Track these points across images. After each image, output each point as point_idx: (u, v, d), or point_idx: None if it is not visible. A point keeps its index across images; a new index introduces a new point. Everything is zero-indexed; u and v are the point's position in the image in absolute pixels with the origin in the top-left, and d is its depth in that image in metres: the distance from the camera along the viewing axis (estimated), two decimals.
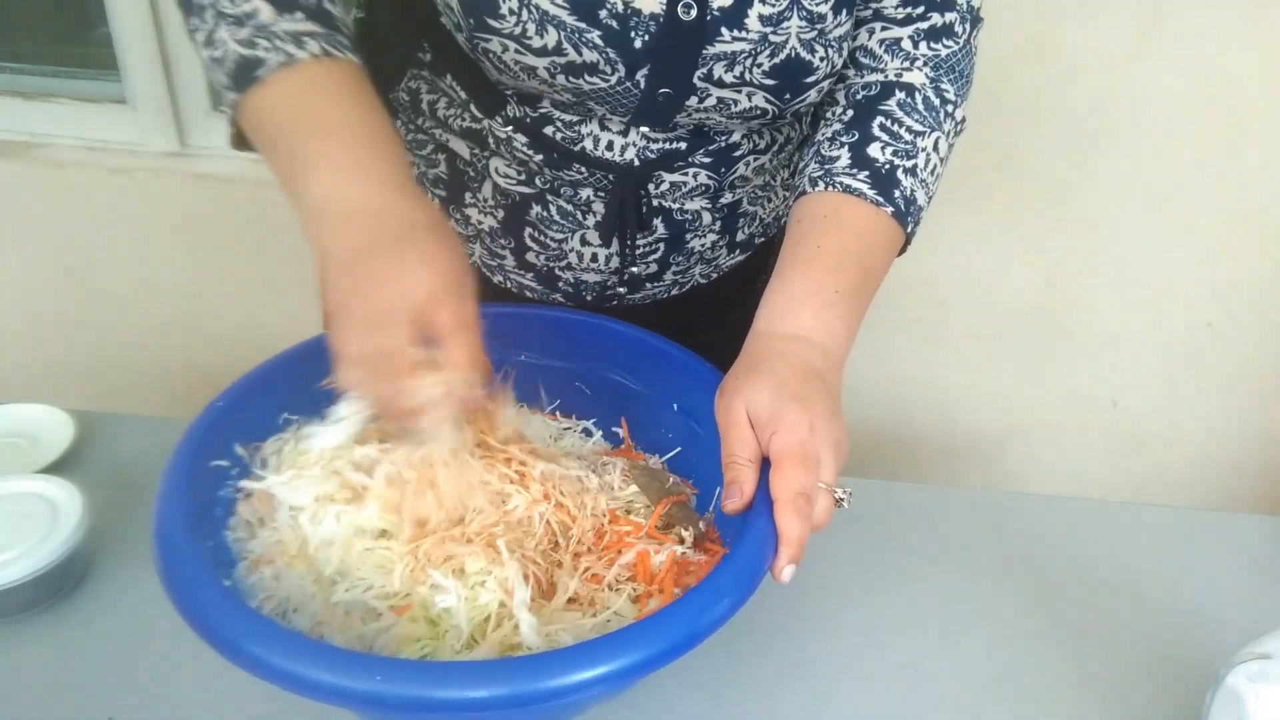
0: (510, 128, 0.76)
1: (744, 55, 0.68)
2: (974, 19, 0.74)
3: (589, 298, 0.86)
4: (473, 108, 0.77)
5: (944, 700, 0.69)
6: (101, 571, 0.73)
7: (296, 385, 0.68)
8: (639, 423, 0.75)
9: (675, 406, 0.72)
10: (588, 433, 0.76)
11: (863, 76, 0.74)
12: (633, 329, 0.74)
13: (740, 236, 0.87)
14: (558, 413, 0.77)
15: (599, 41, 0.66)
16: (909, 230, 0.71)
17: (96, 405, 0.89)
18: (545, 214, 0.80)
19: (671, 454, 0.74)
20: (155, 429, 0.84)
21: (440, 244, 0.56)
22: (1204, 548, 0.84)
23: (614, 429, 0.76)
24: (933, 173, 0.72)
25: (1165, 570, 0.82)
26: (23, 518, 0.70)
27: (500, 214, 0.82)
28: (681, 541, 0.65)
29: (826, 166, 0.71)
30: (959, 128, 0.75)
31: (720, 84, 0.69)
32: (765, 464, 0.59)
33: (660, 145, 0.75)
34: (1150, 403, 1.67)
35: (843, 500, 0.59)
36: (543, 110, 0.74)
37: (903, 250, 0.72)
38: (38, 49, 1.62)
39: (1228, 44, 1.34)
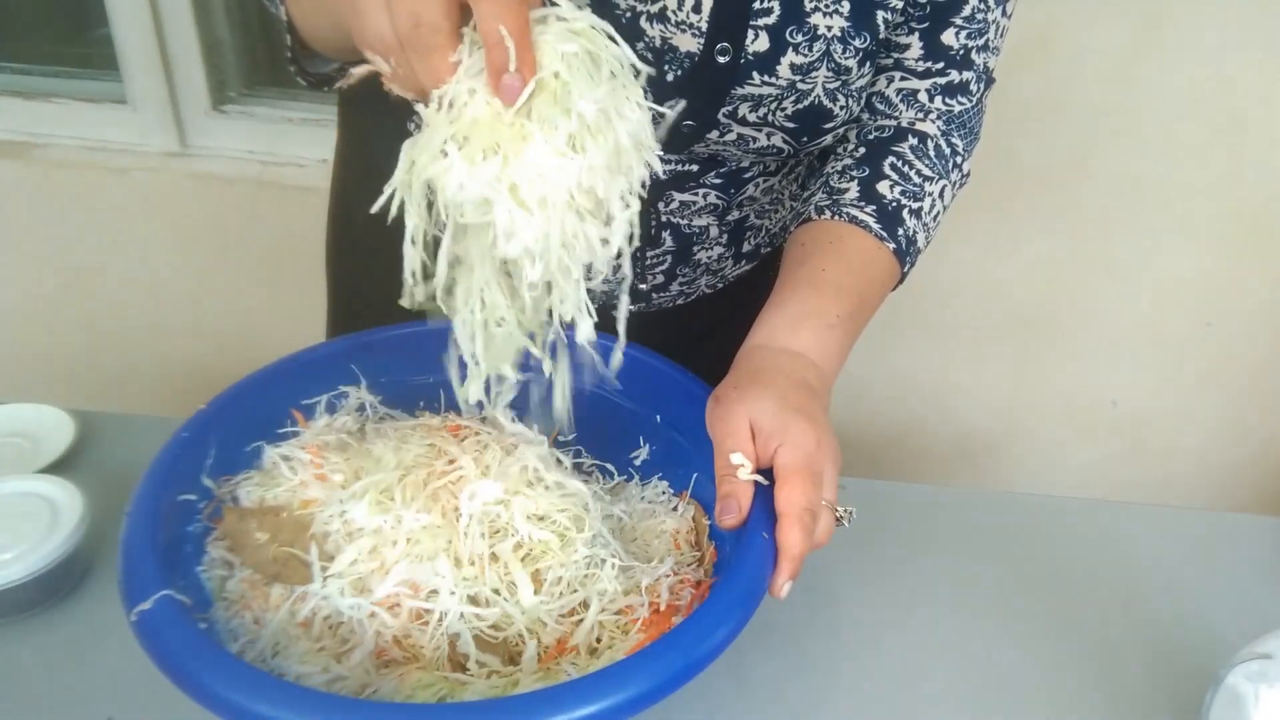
0: None
1: (770, 99, 0.69)
2: (988, 80, 0.75)
3: (595, 306, 0.86)
4: None
5: (944, 700, 0.69)
6: (101, 571, 0.73)
7: (263, 411, 0.68)
8: (617, 434, 0.74)
9: (659, 418, 0.72)
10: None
11: (876, 120, 0.75)
12: (611, 339, 0.73)
13: (746, 248, 0.87)
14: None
15: None
16: (905, 269, 0.72)
17: (96, 405, 0.89)
18: None
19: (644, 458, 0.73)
20: (155, 429, 0.83)
21: None
22: (1204, 548, 0.84)
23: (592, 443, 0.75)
24: (935, 219, 0.73)
25: (1165, 570, 0.82)
26: (22, 518, 0.70)
27: None
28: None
29: (835, 197, 0.72)
30: (963, 180, 0.76)
31: (743, 122, 0.70)
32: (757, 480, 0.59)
33: (673, 166, 0.76)
34: (1150, 403, 1.67)
35: (843, 519, 0.59)
36: None
37: (894, 288, 0.73)
38: (38, 49, 1.62)
39: (1228, 44, 1.34)
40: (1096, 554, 0.83)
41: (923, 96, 0.73)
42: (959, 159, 0.75)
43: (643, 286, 0.85)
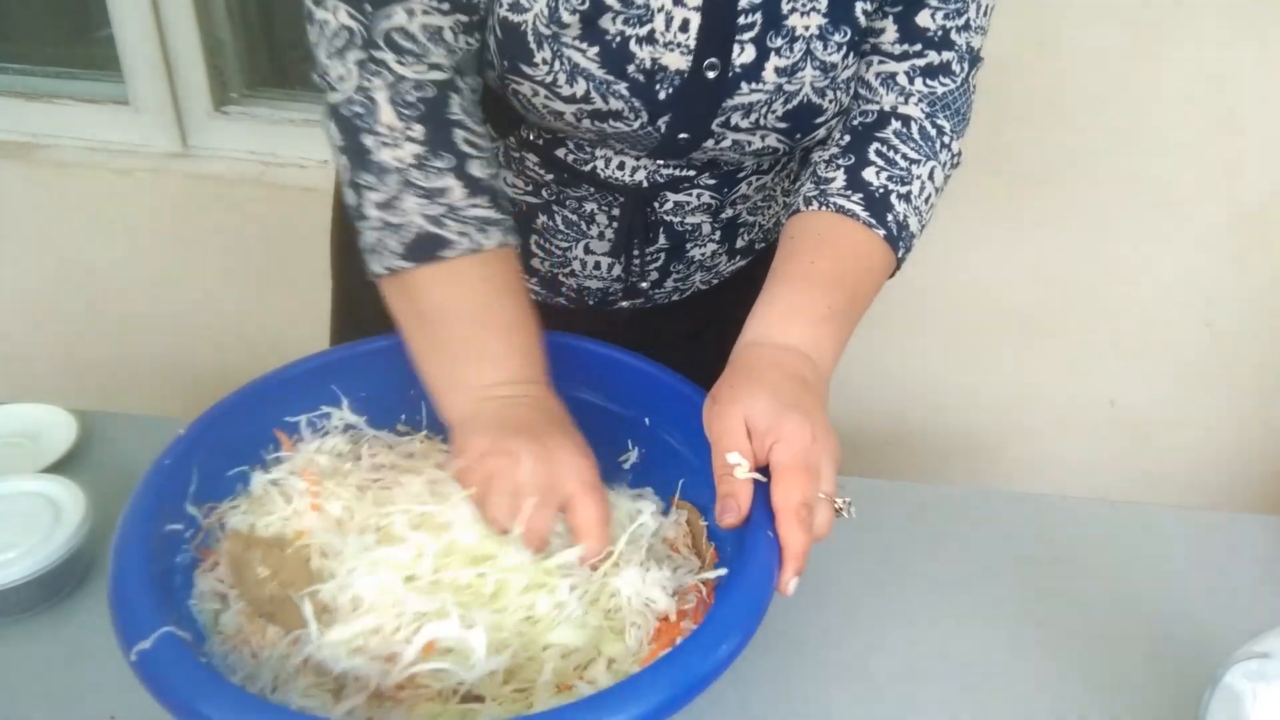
0: (523, 149, 0.77)
1: (760, 104, 0.69)
2: (973, 59, 0.74)
3: (591, 303, 0.86)
4: (487, 126, 0.78)
5: (943, 700, 0.70)
6: (103, 571, 0.72)
7: (244, 434, 0.66)
8: (606, 438, 0.72)
9: (647, 421, 0.72)
10: None
11: (860, 106, 0.75)
12: (597, 344, 0.73)
13: (740, 244, 0.87)
14: None
15: (625, 93, 0.67)
16: (900, 255, 0.71)
17: (98, 405, 0.89)
18: (551, 223, 0.81)
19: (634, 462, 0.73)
20: (157, 429, 0.84)
21: (578, 441, 0.63)
22: (1202, 547, 0.85)
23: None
24: (927, 201, 0.73)
25: (1164, 570, 0.82)
26: (25, 517, 0.70)
27: None
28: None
29: (822, 187, 0.71)
30: (955, 160, 0.75)
31: (736, 129, 0.71)
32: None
33: (670, 170, 0.76)
34: (1149, 402, 1.67)
35: (842, 510, 0.59)
36: (558, 135, 0.75)
37: (892, 274, 0.73)
38: (40, 50, 1.62)
39: (1227, 44, 1.34)
40: (1095, 553, 0.83)
41: (902, 79, 0.73)
42: (946, 139, 0.74)
43: (644, 285, 0.85)
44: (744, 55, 0.67)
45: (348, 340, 0.75)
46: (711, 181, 0.78)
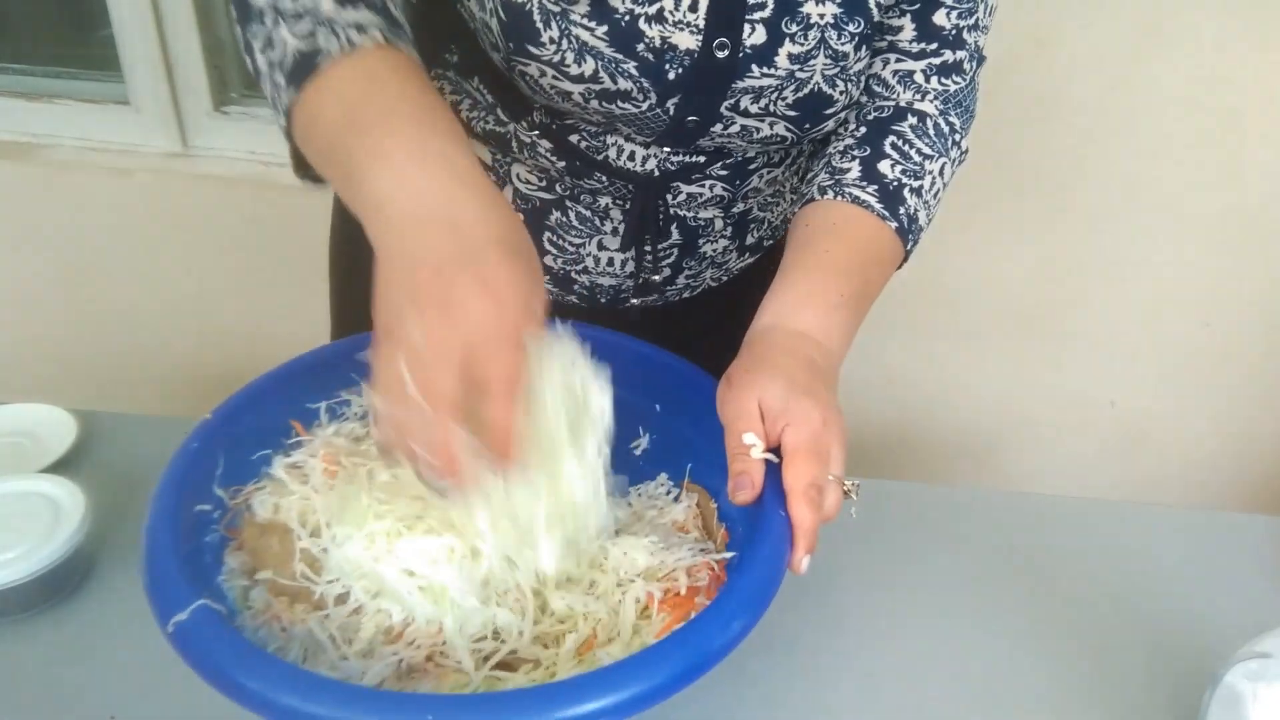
0: (536, 133, 0.77)
1: (770, 89, 0.70)
2: (980, 58, 0.76)
3: (603, 300, 0.87)
4: (499, 111, 0.78)
5: (943, 700, 0.70)
6: (103, 571, 0.73)
7: (268, 419, 0.67)
8: (617, 425, 0.72)
9: (657, 407, 0.72)
10: None
11: (875, 102, 0.76)
12: (609, 333, 0.73)
13: (750, 240, 0.88)
14: None
15: (634, 72, 0.67)
16: (908, 248, 0.73)
17: (99, 405, 0.89)
18: (564, 219, 0.81)
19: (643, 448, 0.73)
20: (157, 429, 0.84)
21: (509, 266, 0.50)
22: (1202, 547, 0.85)
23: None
24: (935, 196, 0.74)
25: (1164, 570, 0.82)
26: (25, 517, 0.70)
27: (520, 218, 0.83)
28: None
29: (837, 177, 0.72)
30: (962, 157, 0.77)
31: (745, 114, 0.71)
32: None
33: (680, 158, 0.77)
34: (1148, 402, 1.67)
35: (850, 491, 0.61)
36: (569, 121, 0.75)
37: (899, 267, 0.74)
38: (40, 50, 1.62)
39: (1227, 44, 1.34)
40: (1095, 553, 0.83)
41: (919, 77, 0.74)
42: (957, 136, 0.76)
43: (656, 281, 0.85)
44: (754, 36, 0.67)
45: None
46: (723, 172, 0.78)
